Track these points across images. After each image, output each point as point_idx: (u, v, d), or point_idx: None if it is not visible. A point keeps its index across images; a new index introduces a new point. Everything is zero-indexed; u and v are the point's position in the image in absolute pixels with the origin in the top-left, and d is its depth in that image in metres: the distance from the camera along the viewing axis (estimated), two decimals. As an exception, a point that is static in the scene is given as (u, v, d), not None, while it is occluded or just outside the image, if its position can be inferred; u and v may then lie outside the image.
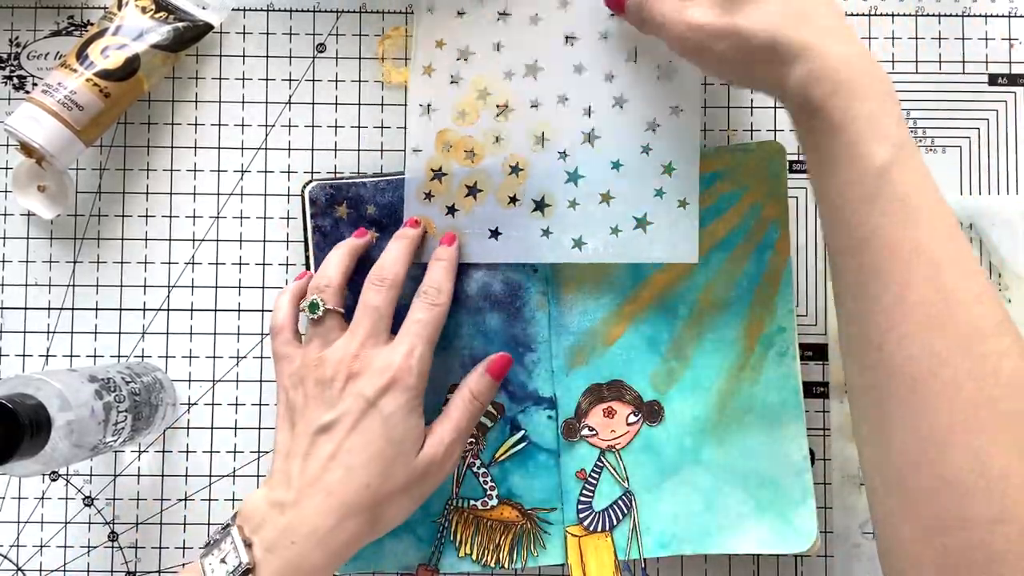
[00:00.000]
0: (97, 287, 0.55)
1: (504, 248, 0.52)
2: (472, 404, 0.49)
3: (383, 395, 0.45)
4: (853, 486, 0.53)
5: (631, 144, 0.51)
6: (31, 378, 0.44)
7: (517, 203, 0.52)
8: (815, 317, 0.54)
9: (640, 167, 0.51)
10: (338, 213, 0.52)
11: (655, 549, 0.51)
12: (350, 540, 0.44)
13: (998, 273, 0.54)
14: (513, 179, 0.52)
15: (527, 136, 0.52)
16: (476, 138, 0.52)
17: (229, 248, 0.55)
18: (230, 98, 0.55)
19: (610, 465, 0.52)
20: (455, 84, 0.52)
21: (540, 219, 0.51)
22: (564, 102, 0.52)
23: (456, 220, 0.52)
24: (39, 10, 0.55)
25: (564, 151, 0.51)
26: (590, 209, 0.51)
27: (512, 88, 0.52)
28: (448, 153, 0.52)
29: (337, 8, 0.55)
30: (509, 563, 0.52)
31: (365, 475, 0.44)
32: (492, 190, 0.52)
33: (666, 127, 0.51)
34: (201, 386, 0.54)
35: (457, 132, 0.52)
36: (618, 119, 0.51)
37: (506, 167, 0.52)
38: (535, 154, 0.52)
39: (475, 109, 0.52)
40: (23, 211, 0.55)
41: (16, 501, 0.54)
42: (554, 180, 0.51)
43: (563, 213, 0.51)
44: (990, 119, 0.55)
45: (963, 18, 0.55)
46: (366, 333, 0.47)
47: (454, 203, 0.52)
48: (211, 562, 0.43)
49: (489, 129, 0.52)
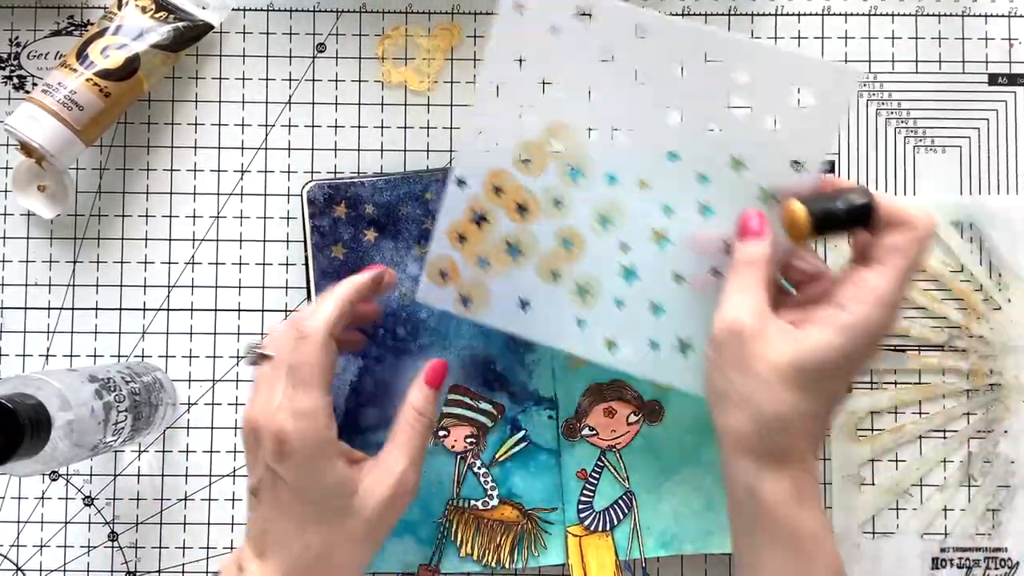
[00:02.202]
0: (97, 287, 0.55)
1: (529, 323, 0.47)
2: (419, 422, 0.45)
3: (280, 463, 0.41)
4: (853, 486, 0.53)
5: (700, 261, 0.45)
6: (31, 378, 0.44)
7: (558, 281, 0.46)
8: (815, 317, 0.54)
9: (703, 289, 0.45)
10: (336, 213, 0.52)
11: (656, 549, 0.51)
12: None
13: (998, 273, 0.54)
14: (562, 253, 0.46)
15: (592, 212, 0.45)
16: (535, 193, 0.45)
17: (229, 248, 0.55)
18: (230, 98, 0.55)
19: (611, 465, 0.52)
20: (524, 119, 0.45)
21: (579, 307, 0.46)
22: (645, 188, 0.45)
23: (486, 276, 0.46)
24: (39, 10, 0.55)
25: (627, 243, 0.45)
26: (635, 314, 0.46)
27: (592, 150, 0.45)
28: (497, 198, 0.46)
29: (337, 8, 0.55)
30: (510, 563, 0.52)
31: (300, 541, 0.42)
32: (536, 257, 0.46)
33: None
34: (201, 386, 0.54)
35: (514, 178, 0.45)
36: (698, 229, 0.45)
37: (559, 238, 0.46)
38: (595, 235, 0.46)
39: (543, 159, 0.45)
40: (23, 211, 0.55)
41: (16, 501, 0.54)
42: (607, 271, 0.46)
43: (606, 309, 0.46)
44: (990, 119, 0.55)
45: (963, 18, 0.55)
46: (284, 393, 0.42)
47: (489, 257, 0.46)
48: None
49: (552, 188, 0.45)
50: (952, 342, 0.54)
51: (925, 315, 0.54)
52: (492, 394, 0.52)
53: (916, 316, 0.54)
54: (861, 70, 0.52)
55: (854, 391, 0.54)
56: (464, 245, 0.46)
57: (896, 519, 0.54)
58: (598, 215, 0.46)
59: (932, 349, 0.54)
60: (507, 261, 0.46)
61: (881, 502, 0.54)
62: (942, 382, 0.54)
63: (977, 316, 0.54)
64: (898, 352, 0.54)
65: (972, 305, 0.54)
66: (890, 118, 0.55)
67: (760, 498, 0.40)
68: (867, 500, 0.53)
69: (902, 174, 0.55)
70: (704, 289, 0.45)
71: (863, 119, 0.55)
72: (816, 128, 0.43)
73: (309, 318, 0.43)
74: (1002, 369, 0.53)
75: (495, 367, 0.52)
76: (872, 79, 0.55)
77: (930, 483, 0.54)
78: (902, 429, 0.54)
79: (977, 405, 0.54)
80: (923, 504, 0.54)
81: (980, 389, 0.54)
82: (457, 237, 0.47)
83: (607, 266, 0.46)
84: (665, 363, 0.46)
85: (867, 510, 0.53)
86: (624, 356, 0.46)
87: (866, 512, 0.53)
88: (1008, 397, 0.53)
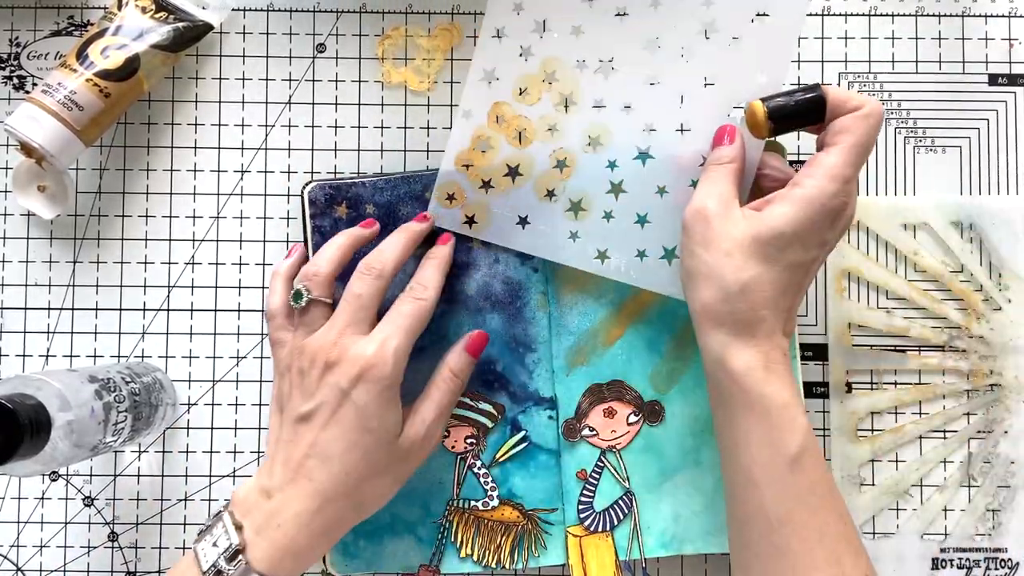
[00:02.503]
0: (97, 287, 0.55)
1: (528, 238, 0.51)
2: (452, 382, 0.49)
3: (356, 385, 0.45)
4: (853, 486, 0.53)
5: (682, 175, 0.49)
6: (31, 378, 0.44)
7: (553, 199, 0.50)
8: (815, 317, 0.54)
9: (685, 201, 0.47)
10: (337, 213, 0.52)
11: (656, 549, 0.51)
12: (333, 524, 0.45)
13: (998, 273, 0.54)
14: (556, 173, 0.50)
15: (582, 135, 0.50)
16: (531, 120, 0.50)
17: (229, 248, 0.55)
18: (230, 98, 0.55)
19: (611, 465, 0.52)
20: (523, 58, 0.50)
21: (572, 221, 0.50)
22: (628, 111, 0.50)
23: (488, 197, 0.51)
24: (39, 10, 0.55)
25: (615, 161, 0.50)
26: (623, 226, 0.50)
27: (581, 80, 0.50)
28: (498, 127, 0.51)
29: (337, 8, 0.55)
30: (510, 564, 0.52)
31: (342, 464, 0.45)
32: (532, 178, 0.51)
33: None
34: (201, 386, 0.54)
35: (513, 108, 0.51)
36: (677, 146, 0.49)
37: (553, 159, 0.50)
38: (585, 155, 0.50)
39: (538, 90, 0.50)
40: (23, 211, 0.55)
41: (16, 501, 0.54)
42: (596, 187, 0.50)
43: (596, 222, 0.50)
44: (990, 119, 0.55)
45: (963, 18, 0.55)
46: (345, 322, 0.46)
47: (491, 179, 0.51)
48: (204, 547, 0.44)
49: (546, 115, 0.50)
50: (952, 342, 0.54)
51: (925, 315, 0.54)
52: (492, 394, 0.52)
53: (916, 316, 0.54)
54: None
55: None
56: (469, 170, 0.51)
57: (896, 520, 0.54)
58: (587, 137, 0.50)
59: (932, 349, 0.54)
60: (507, 183, 0.51)
61: (881, 502, 0.54)
62: (942, 382, 0.54)
63: (977, 316, 0.54)
64: (898, 352, 0.54)
65: (972, 305, 0.54)
66: (890, 118, 0.55)
67: (729, 368, 0.43)
68: (867, 501, 0.53)
69: (902, 174, 0.55)
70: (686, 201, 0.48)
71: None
72: (775, 44, 0.48)
73: (377, 260, 0.48)
74: (1002, 369, 0.53)
75: (495, 367, 0.52)
76: (872, 79, 0.55)
77: (930, 483, 0.54)
78: (902, 429, 0.54)
79: (977, 405, 0.54)
80: (923, 504, 0.54)
81: (980, 389, 0.54)
82: (463, 165, 0.51)
83: (597, 183, 0.50)
84: (651, 271, 0.50)
85: (867, 511, 0.53)
86: (615, 265, 0.50)
87: (866, 513, 0.53)
88: (1008, 397, 0.53)
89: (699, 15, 0.49)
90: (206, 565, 0.43)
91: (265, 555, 0.43)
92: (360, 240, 0.50)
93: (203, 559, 0.43)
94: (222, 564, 0.43)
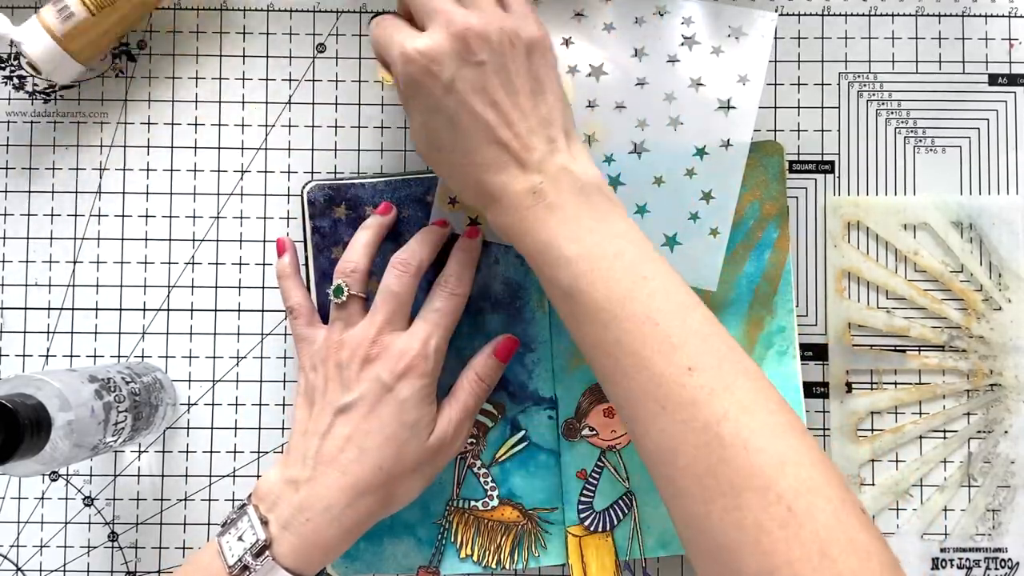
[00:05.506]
0: (97, 287, 0.55)
1: None
2: (479, 385, 0.50)
3: (399, 380, 0.46)
4: (853, 486, 0.53)
5: (677, 164, 0.51)
6: (31, 378, 0.44)
7: None
8: (815, 317, 0.54)
9: (680, 188, 0.51)
10: (337, 214, 0.52)
11: (656, 549, 0.51)
12: (363, 517, 0.45)
13: (998, 273, 0.54)
14: None
15: (579, 134, 0.51)
16: None
17: (229, 248, 0.55)
18: (230, 98, 0.55)
19: (611, 465, 0.52)
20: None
21: None
22: (621, 110, 0.52)
23: None
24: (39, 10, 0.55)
25: (611, 155, 0.51)
26: None
27: (573, 83, 0.52)
28: None
29: (337, 8, 0.55)
30: (510, 564, 0.52)
31: (379, 457, 0.45)
32: None
33: (714, 156, 0.51)
34: (201, 386, 0.54)
35: None
36: (669, 138, 0.51)
37: None
38: None
39: None
40: (23, 211, 0.55)
41: (16, 501, 0.54)
42: None
43: None
44: (990, 119, 0.55)
45: (963, 18, 0.55)
46: (384, 318, 0.47)
47: None
48: (228, 540, 0.44)
49: None
50: (952, 342, 0.54)
51: (925, 315, 0.54)
52: (492, 394, 0.52)
53: (916, 316, 0.54)
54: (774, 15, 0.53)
55: (853, 391, 0.54)
56: None
57: (896, 519, 0.54)
58: (583, 134, 0.52)
59: (932, 349, 0.54)
60: None
61: (881, 502, 0.54)
62: (942, 382, 0.54)
63: (977, 316, 0.54)
64: (898, 352, 0.54)
65: (972, 305, 0.54)
66: (890, 118, 0.55)
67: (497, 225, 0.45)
68: (867, 501, 0.53)
69: (902, 174, 0.55)
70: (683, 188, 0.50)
71: (863, 119, 0.55)
72: (752, 54, 0.51)
73: (411, 257, 0.48)
74: (1002, 369, 0.53)
75: (495, 367, 0.52)
76: (872, 79, 0.55)
77: (930, 483, 0.54)
78: (902, 429, 0.54)
79: (977, 405, 0.54)
80: (923, 504, 0.54)
81: (980, 389, 0.54)
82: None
83: None
84: None
85: (867, 511, 0.53)
86: None
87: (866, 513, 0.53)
88: (1008, 397, 0.53)
89: (680, 31, 0.52)
90: (232, 560, 0.43)
91: (292, 550, 0.44)
92: (383, 227, 0.51)
93: (228, 553, 0.43)
94: (248, 560, 0.43)
